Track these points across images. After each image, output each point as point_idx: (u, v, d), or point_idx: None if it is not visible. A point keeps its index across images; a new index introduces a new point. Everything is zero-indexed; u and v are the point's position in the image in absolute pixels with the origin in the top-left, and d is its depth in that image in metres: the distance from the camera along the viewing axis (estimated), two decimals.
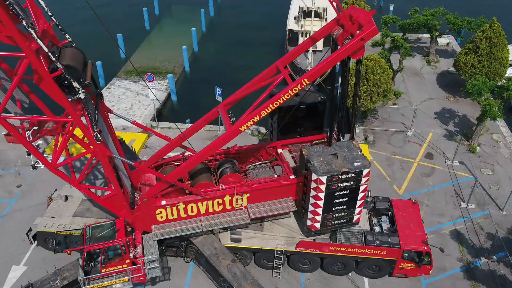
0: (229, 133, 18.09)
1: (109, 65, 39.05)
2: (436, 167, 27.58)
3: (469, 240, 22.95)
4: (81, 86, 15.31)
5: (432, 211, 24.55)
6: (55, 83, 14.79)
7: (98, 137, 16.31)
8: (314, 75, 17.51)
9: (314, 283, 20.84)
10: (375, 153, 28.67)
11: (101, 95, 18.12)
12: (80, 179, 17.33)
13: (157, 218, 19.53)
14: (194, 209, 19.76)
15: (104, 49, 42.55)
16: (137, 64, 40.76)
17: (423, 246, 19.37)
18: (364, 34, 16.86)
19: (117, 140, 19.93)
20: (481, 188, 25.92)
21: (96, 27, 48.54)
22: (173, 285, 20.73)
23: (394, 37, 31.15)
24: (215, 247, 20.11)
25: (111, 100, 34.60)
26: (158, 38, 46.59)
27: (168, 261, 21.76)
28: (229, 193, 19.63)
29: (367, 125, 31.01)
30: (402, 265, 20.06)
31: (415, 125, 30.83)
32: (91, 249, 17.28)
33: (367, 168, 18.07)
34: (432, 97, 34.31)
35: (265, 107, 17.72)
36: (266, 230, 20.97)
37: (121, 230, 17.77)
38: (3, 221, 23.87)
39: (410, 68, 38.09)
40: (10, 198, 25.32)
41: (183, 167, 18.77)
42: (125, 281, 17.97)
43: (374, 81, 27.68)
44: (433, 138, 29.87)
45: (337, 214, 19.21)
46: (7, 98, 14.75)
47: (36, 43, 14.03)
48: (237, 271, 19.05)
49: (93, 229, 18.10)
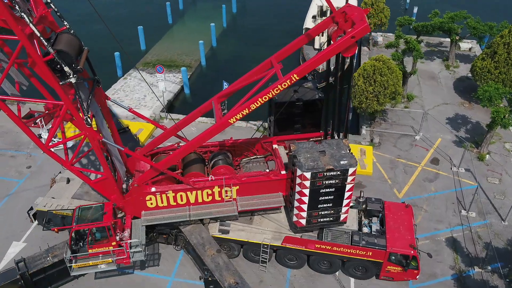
0: (219, 124, 18.40)
1: (126, 56, 39.99)
2: (440, 173, 26.98)
3: (465, 248, 22.38)
4: (72, 71, 15.89)
5: (430, 216, 24.07)
6: (47, 66, 15.42)
7: (88, 121, 16.91)
8: (303, 71, 17.57)
9: (299, 279, 20.87)
10: (379, 155, 28.30)
11: (98, 81, 18.76)
12: (72, 161, 17.99)
13: (147, 204, 20.03)
14: (183, 198, 20.14)
15: (124, 40, 43.86)
16: (156, 57, 41.74)
17: (410, 250, 19.07)
18: (355, 31, 16.82)
19: (114, 127, 20.51)
20: (485, 197, 25.22)
21: (117, 19, 50.27)
22: (160, 271, 21.22)
23: (407, 39, 30.59)
24: (202, 236, 20.45)
25: (126, 90, 35.54)
26: (179, 33, 47.43)
27: (160, 248, 22.28)
28: (218, 185, 19.91)
29: (375, 127, 30.63)
30: (389, 268, 19.82)
31: (424, 130, 30.24)
32: (78, 229, 17.93)
33: (353, 167, 17.96)
34: (446, 102, 33.50)
35: (254, 101, 17.91)
36: (255, 223, 21.13)
37: (109, 213, 18.33)
38: (10, 199, 25.01)
39: (427, 71, 37.32)
40: (19, 178, 26.48)
41: (172, 156, 19.21)
42: (109, 262, 18.55)
43: (382, 82, 27.33)
44: (442, 144, 29.21)
45: (323, 212, 19.18)
46: (1, 79, 15.53)
47: (30, 28, 14.71)
48: (221, 261, 19.31)
49: (82, 210, 18.76)
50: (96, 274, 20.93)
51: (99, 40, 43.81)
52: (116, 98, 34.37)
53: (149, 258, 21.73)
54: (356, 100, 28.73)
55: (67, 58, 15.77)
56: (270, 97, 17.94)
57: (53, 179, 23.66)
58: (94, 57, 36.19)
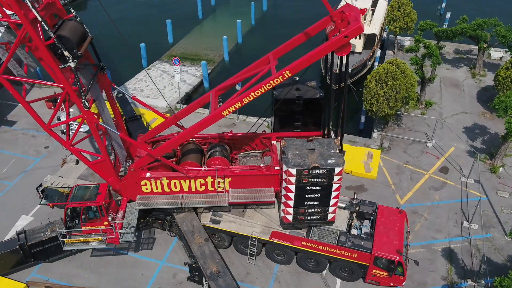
0: (212, 116, 18.87)
1: (154, 48, 41.32)
2: (448, 182, 26.29)
3: (461, 260, 21.79)
4: (72, 56, 16.79)
5: (430, 225, 23.56)
6: (47, 50, 16.38)
7: (85, 105, 17.81)
8: (296, 68, 17.74)
9: (285, 275, 21.03)
10: (387, 160, 27.91)
11: (103, 68, 19.67)
12: (71, 141, 18.97)
13: (142, 189, 20.78)
14: (177, 186, 20.75)
15: (153, 33, 45.35)
16: (182, 50, 42.74)
17: (396, 256, 18.82)
18: (348, 31, 16.83)
19: (118, 112, 21.38)
20: (491, 210, 24.40)
21: (146, 12, 51.82)
22: (153, 254, 21.97)
23: (426, 43, 29.89)
24: (193, 224, 21.00)
25: (147, 80, 36.65)
26: (207, 28, 48.28)
27: (155, 232, 23.04)
28: (211, 175, 20.38)
29: (387, 131, 30.18)
30: (375, 272, 19.64)
31: (438, 137, 29.52)
32: (71, 206, 18.91)
33: (340, 167, 17.95)
34: (467, 111, 32.49)
35: (246, 95, 18.25)
36: (247, 216, 21.45)
37: (102, 194, 19.19)
38: (25, 176, 26.55)
39: (451, 78, 36.29)
40: (36, 156, 28.03)
41: (166, 144, 19.85)
42: (99, 241, 19.43)
43: (393, 86, 26.92)
44: (454, 153, 28.41)
45: (309, 210, 19.27)
46: (7, 60, 16.66)
47: (33, 13, 15.70)
48: (207, 250, 19.79)
49: (79, 189, 19.73)
50: (92, 251, 21.96)
51: (127, 31, 45.47)
52: (137, 88, 35.65)
53: (144, 241, 22.57)
54: (367, 103, 28.43)
55: (67, 44, 16.67)
56: (262, 92, 18.21)
57: (64, 159, 24.93)
58: (120, 47, 37.81)
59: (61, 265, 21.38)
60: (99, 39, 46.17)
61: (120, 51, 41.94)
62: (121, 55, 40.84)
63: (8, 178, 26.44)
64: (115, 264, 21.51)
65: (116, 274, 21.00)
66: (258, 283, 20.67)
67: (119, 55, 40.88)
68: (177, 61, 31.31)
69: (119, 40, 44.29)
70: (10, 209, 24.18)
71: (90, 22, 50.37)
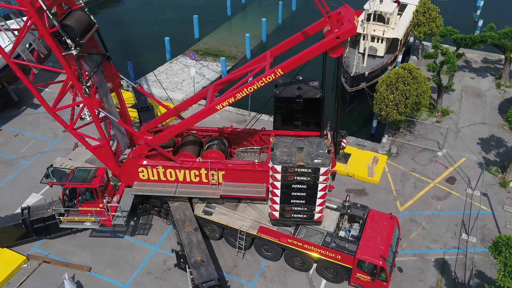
0: (206, 109, 19.41)
1: (179, 43, 42.38)
2: (453, 192, 25.67)
3: (453, 272, 21.31)
4: (74, 44, 17.71)
5: (426, 234, 23.14)
6: (52, 38, 17.36)
7: (86, 91, 18.74)
8: (288, 66, 18.01)
9: (272, 271, 21.29)
10: (393, 166, 27.54)
11: (109, 57, 20.57)
12: (73, 125, 20.01)
13: (139, 176, 21.59)
14: (173, 175, 21.42)
15: (180, 27, 46.52)
16: (206, 45, 43.61)
17: (379, 261, 18.68)
18: (340, 32, 16.91)
19: (122, 101, 22.23)
20: (494, 225, 23.67)
21: (177, 7, 53.03)
22: (147, 240, 22.77)
23: (444, 49, 29.18)
24: (185, 214, 21.62)
25: (168, 73, 37.71)
26: (235, 25, 48.94)
27: (153, 220, 23.84)
28: (205, 167, 20.92)
29: (398, 137, 29.74)
30: (358, 276, 19.56)
31: (450, 147, 28.83)
32: (67, 186, 19.95)
33: (325, 167, 18.03)
34: (485, 121, 31.48)
35: (240, 91, 18.66)
36: (239, 210, 21.86)
37: (98, 177, 20.11)
38: (41, 157, 28.04)
39: (474, 88, 35.22)
40: (53, 139, 29.52)
41: (162, 134, 20.55)
42: (93, 222, 20.38)
43: (404, 91, 26.53)
44: (464, 164, 27.66)
45: (296, 208, 19.44)
46: (15, 46, 17.80)
47: (39, 2, 16.72)
48: (194, 239, 20.35)
49: (79, 171, 20.75)
50: (91, 232, 23.02)
51: (155, 25, 46.97)
52: (156, 79, 36.69)
53: (141, 227, 23.42)
54: (376, 107, 28.15)
55: (71, 32, 17.59)
56: (255, 89, 18.55)
57: (76, 143, 26.16)
58: (146, 40, 39.14)
59: (61, 242, 22.54)
60: (129, 31, 47.86)
61: (147, 43, 43.41)
62: (147, 48, 42.22)
63: (25, 157, 28.03)
64: (111, 246, 22.45)
65: (110, 256, 21.93)
66: (244, 276, 21.04)
67: (146, 47, 42.27)
68: (193, 55, 32.07)
69: (147, 33, 46.05)
70: (23, 186, 25.65)
71: (124, 16, 52.06)
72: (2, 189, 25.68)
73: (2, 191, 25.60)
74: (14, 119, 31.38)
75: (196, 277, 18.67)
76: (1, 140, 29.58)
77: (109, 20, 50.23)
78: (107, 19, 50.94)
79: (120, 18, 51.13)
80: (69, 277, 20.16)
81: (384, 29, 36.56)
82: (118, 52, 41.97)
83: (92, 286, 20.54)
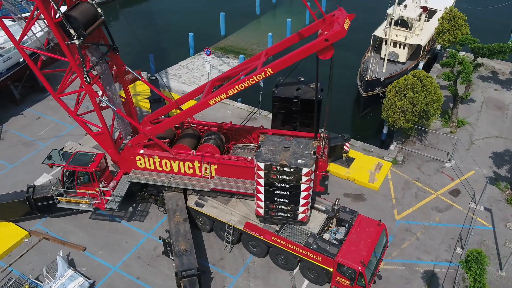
0: (199, 104, 20.01)
1: (204, 39, 43.26)
2: (454, 205, 25.02)
3: (441, 286, 20.85)
4: (77, 34, 18.70)
5: (419, 245, 22.71)
6: (56, 27, 18.41)
7: (87, 79, 19.72)
8: (277, 66, 18.29)
9: (256, 267, 21.60)
10: (397, 173, 27.11)
11: (115, 48, 21.52)
12: (76, 111, 21.11)
13: (137, 164, 22.46)
14: (168, 166, 22.15)
15: (206, 24, 47.46)
16: (230, 43, 44.27)
17: (358, 266, 18.60)
18: (328, 34, 17.00)
19: (128, 91, 23.13)
20: (493, 242, 22.92)
21: (205, 4, 53.98)
22: (142, 226, 23.62)
23: (459, 58, 28.34)
24: (177, 204, 22.28)
25: (189, 68, 38.62)
26: (263, 24, 49.31)
27: (151, 208, 24.68)
28: (198, 160, 21.50)
29: (407, 145, 29.21)
30: (338, 279, 19.54)
31: (460, 159, 28.03)
32: (66, 169, 21.07)
33: (307, 168, 18.15)
34: (502, 135, 30.33)
35: (231, 88, 19.14)
36: (230, 205, 22.29)
37: (95, 162, 21.11)
38: (57, 140, 29.55)
39: (497, 100, 33.96)
40: (71, 124, 30.98)
41: (158, 126, 21.30)
42: (87, 204, 21.42)
43: (411, 99, 26.07)
44: (472, 177, 26.83)
45: (279, 206, 19.66)
46: (24, 32, 19.01)
47: None
48: (182, 229, 20.96)
49: (80, 155, 21.85)
50: (91, 214, 24.12)
51: (182, 20, 48.14)
52: (176, 73, 37.70)
53: (138, 213, 24.31)
54: (384, 113, 27.79)
55: (74, 23, 18.59)
56: (246, 86, 18.99)
57: None
58: (172, 34, 40.36)
59: (62, 222, 23.78)
60: (158, 26, 49.33)
61: (172, 37, 44.66)
62: (172, 42, 43.43)
63: (42, 139, 29.65)
64: (107, 229, 23.47)
65: (105, 238, 22.94)
66: (228, 269, 21.48)
67: (171, 42, 43.46)
68: (208, 51, 32.77)
69: (174, 27, 47.36)
70: (36, 166, 27.12)
71: (154, 11, 53.53)
72: (18, 168, 27.32)
73: (18, 169, 27.23)
74: (39, 103, 33.17)
75: (177, 264, 19.29)
76: (24, 122, 31.39)
77: (140, 14, 52.16)
78: (138, 12, 52.87)
79: (148, 12, 52.90)
80: (63, 254, 21.35)
81: (406, 34, 35.90)
82: (141, 45, 43.49)
83: (84, 265, 21.60)
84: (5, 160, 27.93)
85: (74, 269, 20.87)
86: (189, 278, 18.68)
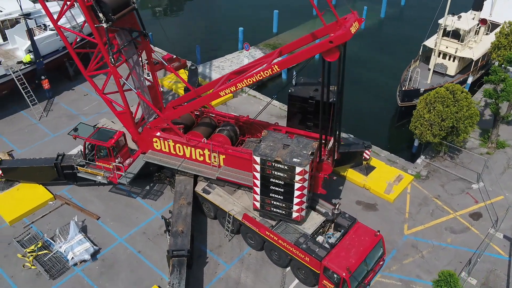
0: (211, 94, 20.80)
1: (255, 35, 44.06)
2: (472, 228, 23.72)
3: None
4: (105, 17, 20.17)
5: (422, 263, 21.88)
6: (87, 10, 20.02)
7: (112, 61, 21.21)
8: (284, 64, 18.63)
9: (250, 259, 22.03)
10: (418, 188, 26.16)
11: (146, 35, 22.91)
12: (103, 89, 22.76)
13: (154, 145, 23.75)
14: (181, 150, 23.21)
15: (261, 21, 48.26)
16: (279, 41, 44.64)
17: (343, 272, 18.42)
18: (333, 36, 17.04)
19: (155, 77, 24.45)
20: (505, 272, 21.53)
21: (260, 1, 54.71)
22: (154, 205, 24.90)
23: (502, 76, 26.58)
24: (186, 188, 23.26)
25: (234, 61, 39.41)
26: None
27: (166, 189, 25.92)
28: (208, 148, 22.31)
29: (435, 161, 28.02)
30: (325, 283, 19.46)
31: (491, 182, 26.43)
32: (87, 142, 22.78)
33: (301, 167, 18.25)
34: None
35: (240, 81, 19.71)
36: (235, 196, 22.90)
37: (114, 139, 22.59)
38: (97, 116, 31.54)
39: None
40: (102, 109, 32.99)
41: (175, 111, 22.39)
42: (102, 176, 23.01)
43: (440, 112, 24.99)
44: (499, 202, 25.21)
45: (274, 202, 19.93)
46: (61, 14, 20.85)
47: None
48: (183, 212, 21.90)
49: (102, 131, 23.50)
50: (112, 187, 25.82)
51: (238, 15, 49.30)
52: (220, 65, 38.78)
53: (153, 192, 25.64)
54: (412, 124, 26.89)
55: (104, 7, 20.10)
56: (254, 81, 19.42)
57: None
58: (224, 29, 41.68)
59: (85, 191, 25.71)
60: (214, 19, 50.90)
61: (223, 31, 46.02)
62: (224, 35, 44.75)
63: (85, 114, 32.05)
64: (123, 203, 25.03)
65: (119, 211, 24.51)
66: (224, 257, 22.11)
67: (223, 35, 44.78)
68: (247, 46, 33.45)
69: (228, 21, 48.74)
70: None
71: (213, 4, 55.19)
72: (58, 138, 29.80)
73: (58, 139, 29.69)
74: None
75: (171, 244, 20.25)
76: (73, 97, 34.09)
77: (200, 6, 54.10)
78: (198, 4, 54.83)
79: (208, 3, 54.62)
80: (78, 220, 23.16)
81: (457, 47, 34.22)
82: (192, 36, 45.38)
83: (95, 232, 23.28)
84: (49, 129, 30.58)
85: (85, 234, 22.61)
86: (179, 258, 19.56)
